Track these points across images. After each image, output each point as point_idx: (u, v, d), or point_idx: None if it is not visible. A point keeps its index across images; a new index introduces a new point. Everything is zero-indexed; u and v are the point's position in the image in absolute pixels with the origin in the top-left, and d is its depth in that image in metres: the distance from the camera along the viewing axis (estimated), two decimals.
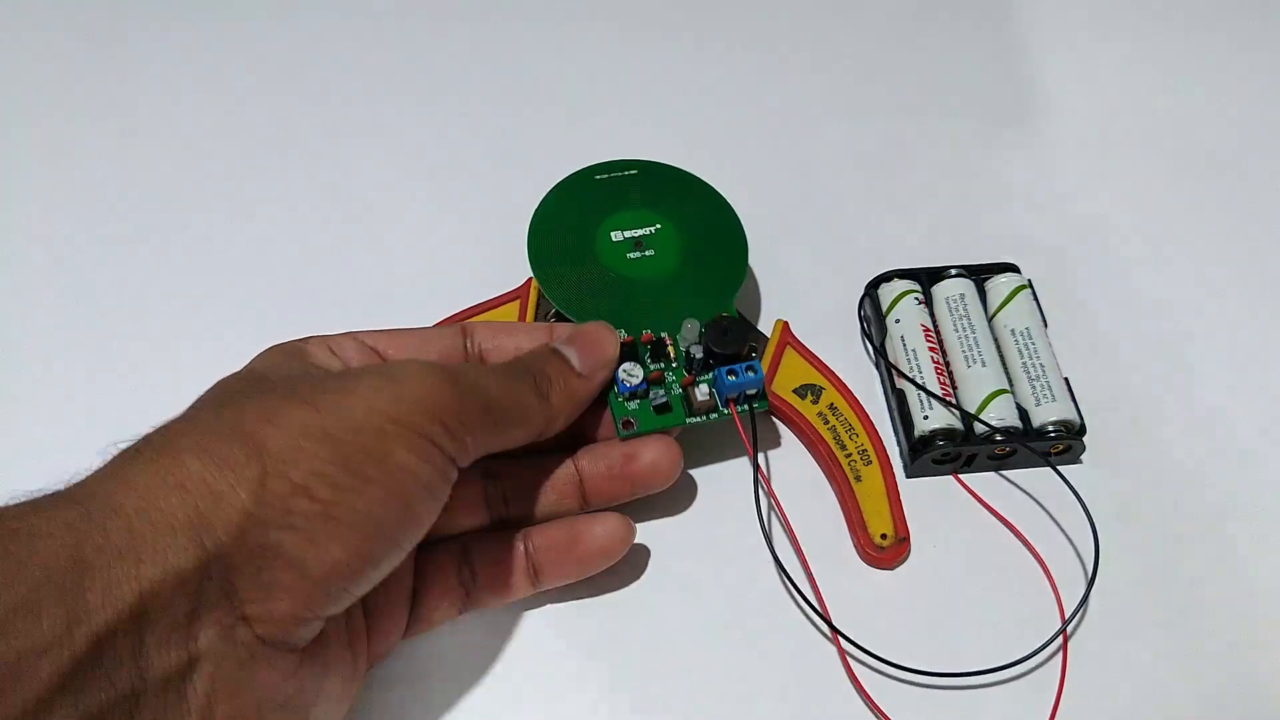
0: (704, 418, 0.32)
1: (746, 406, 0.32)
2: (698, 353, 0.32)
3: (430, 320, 0.36)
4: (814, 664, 0.30)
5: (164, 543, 0.21)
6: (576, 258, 0.35)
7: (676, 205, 0.36)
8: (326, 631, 0.25)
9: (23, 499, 0.22)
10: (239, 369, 0.28)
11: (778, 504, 0.32)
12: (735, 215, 0.36)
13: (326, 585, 0.24)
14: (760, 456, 0.33)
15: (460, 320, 0.36)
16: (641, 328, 0.33)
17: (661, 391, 0.32)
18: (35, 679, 0.20)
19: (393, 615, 0.28)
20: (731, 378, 0.31)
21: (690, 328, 0.32)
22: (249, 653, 0.23)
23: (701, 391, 0.32)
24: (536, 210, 0.36)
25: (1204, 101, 0.46)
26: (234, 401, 0.25)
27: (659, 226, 0.35)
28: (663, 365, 0.32)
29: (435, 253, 0.40)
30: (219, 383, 0.27)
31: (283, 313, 0.37)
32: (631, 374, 0.31)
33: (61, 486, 0.23)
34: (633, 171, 0.37)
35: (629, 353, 0.32)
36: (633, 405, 0.31)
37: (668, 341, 0.33)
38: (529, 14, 0.48)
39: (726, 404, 0.32)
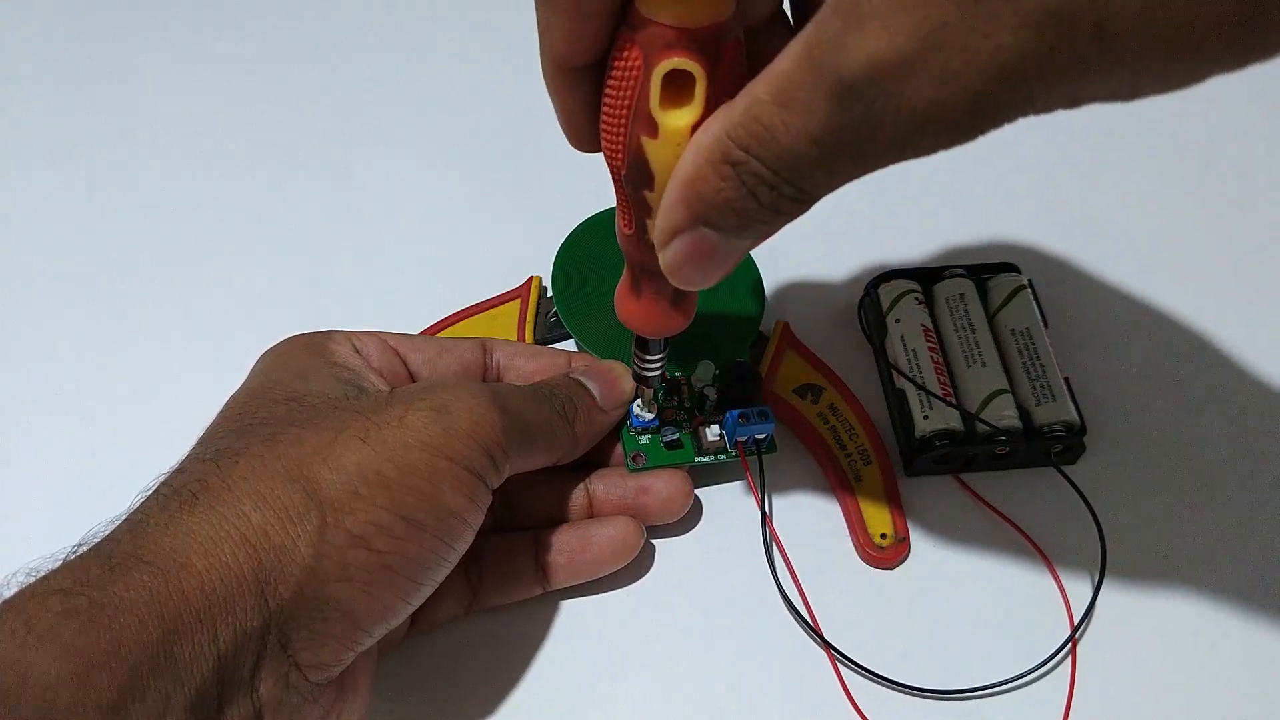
0: (712, 457, 0.32)
1: (755, 450, 0.32)
2: (711, 394, 0.32)
3: (432, 318, 0.36)
4: (815, 685, 0.30)
5: (235, 603, 0.22)
6: (599, 293, 0.35)
7: None
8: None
9: (91, 552, 0.22)
10: (258, 363, 0.28)
11: (781, 547, 0.32)
12: (756, 269, 0.37)
13: (371, 628, 0.24)
14: (760, 458, 0.33)
15: (461, 318, 0.36)
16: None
17: (672, 429, 0.32)
18: None
19: None
20: (743, 422, 0.31)
21: (705, 368, 0.33)
22: (300, 696, 0.23)
23: (712, 432, 0.32)
24: (560, 249, 0.37)
25: (1204, 100, 0.46)
26: (285, 433, 0.25)
27: None
28: (675, 404, 0.33)
29: (437, 252, 0.40)
30: (248, 394, 0.27)
31: (286, 310, 0.38)
32: (645, 409, 0.32)
33: (119, 526, 0.23)
34: None
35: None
36: (644, 440, 0.32)
37: (683, 381, 0.33)
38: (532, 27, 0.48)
39: (735, 446, 0.32)
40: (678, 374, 0.33)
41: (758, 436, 0.32)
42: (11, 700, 0.19)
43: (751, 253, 0.37)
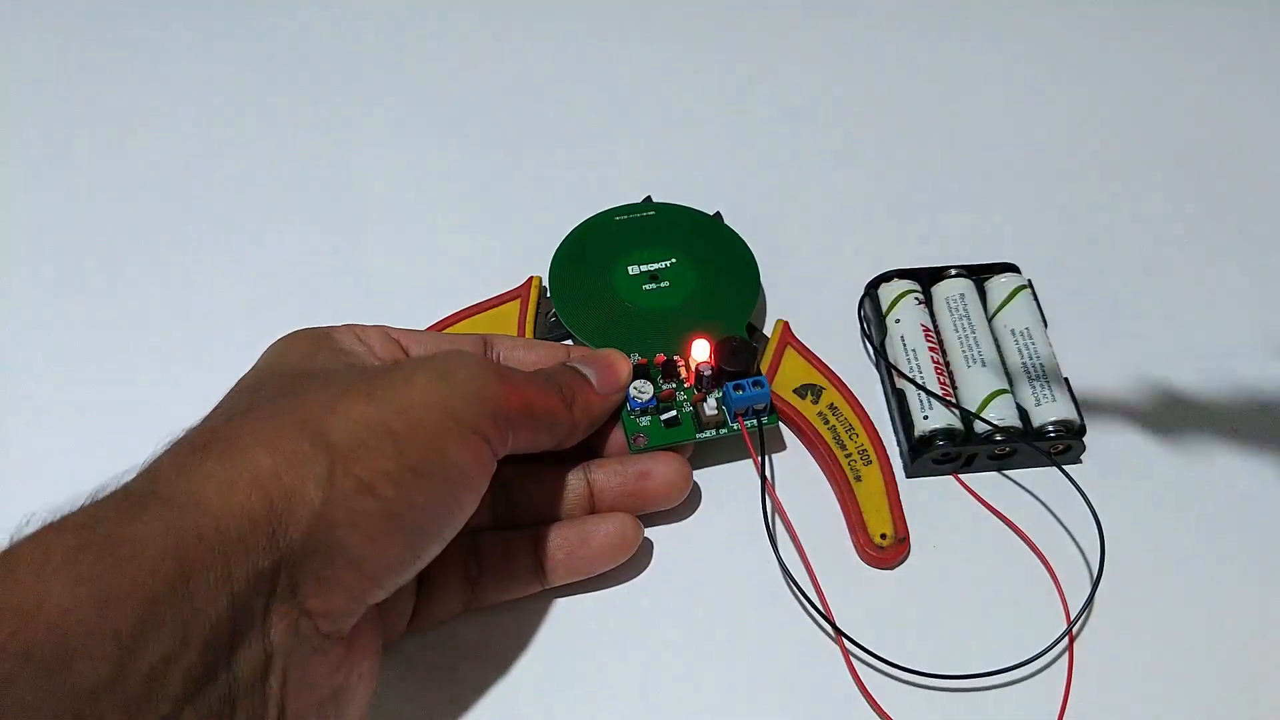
0: (713, 432, 0.32)
1: (755, 421, 0.32)
2: (706, 370, 0.32)
3: (433, 317, 0.36)
4: (817, 665, 0.30)
5: (248, 542, 0.22)
6: (595, 289, 0.36)
7: (692, 243, 0.37)
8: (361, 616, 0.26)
9: (108, 495, 0.22)
10: (265, 353, 0.29)
11: (782, 511, 0.32)
12: (750, 252, 0.37)
13: (380, 579, 0.24)
14: (761, 430, 0.33)
15: (461, 319, 0.36)
16: (654, 352, 0.33)
17: (671, 407, 0.32)
18: (169, 692, 0.20)
19: (399, 603, 0.29)
20: (739, 392, 0.32)
21: (700, 346, 0.33)
22: (310, 646, 0.23)
23: (710, 405, 0.32)
24: (557, 250, 0.37)
25: (1204, 101, 0.46)
26: (290, 392, 0.25)
27: (674, 261, 0.37)
28: (674, 385, 0.33)
29: (437, 251, 0.40)
30: (256, 374, 0.28)
31: (286, 310, 0.37)
32: (642, 390, 0.32)
33: (134, 475, 0.23)
34: (650, 213, 0.38)
35: (640, 373, 0.33)
36: (644, 421, 0.32)
37: (679, 362, 0.33)
38: (532, 27, 0.49)
39: (735, 418, 0.32)
40: (675, 357, 0.33)
41: (756, 407, 0.32)
42: (29, 624, 0.19)
43: (752, 249, 0.37)
